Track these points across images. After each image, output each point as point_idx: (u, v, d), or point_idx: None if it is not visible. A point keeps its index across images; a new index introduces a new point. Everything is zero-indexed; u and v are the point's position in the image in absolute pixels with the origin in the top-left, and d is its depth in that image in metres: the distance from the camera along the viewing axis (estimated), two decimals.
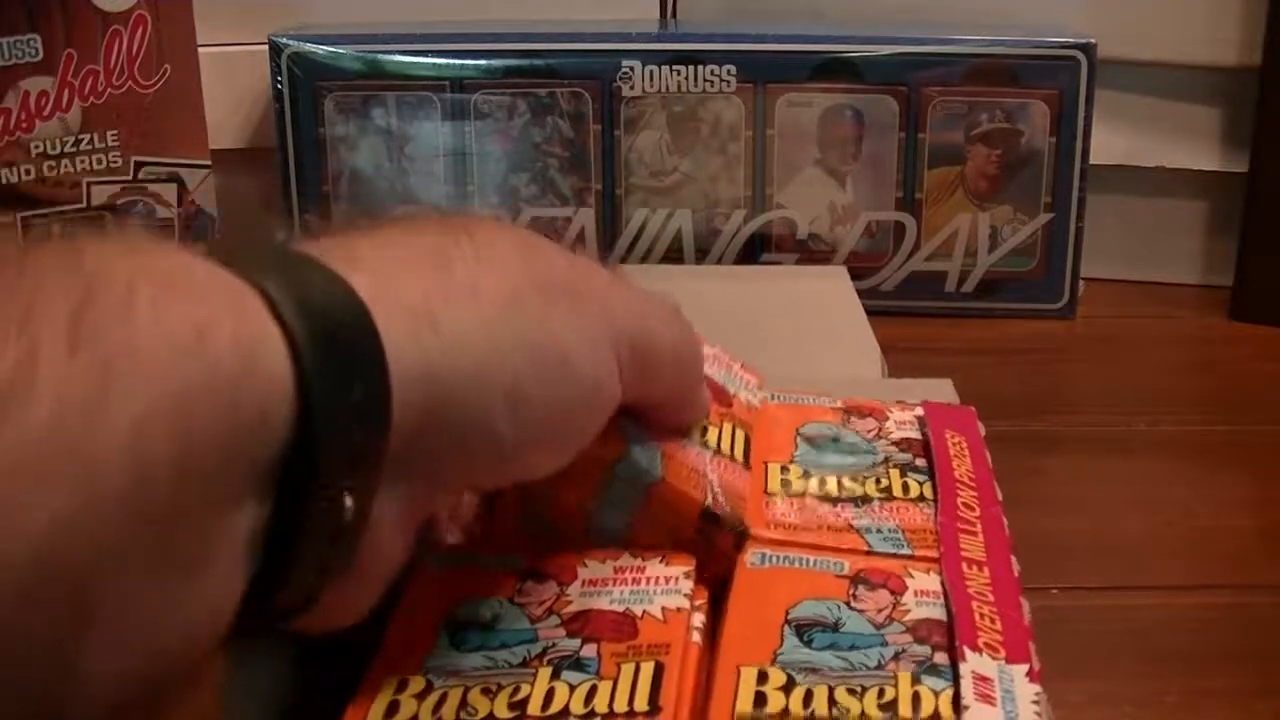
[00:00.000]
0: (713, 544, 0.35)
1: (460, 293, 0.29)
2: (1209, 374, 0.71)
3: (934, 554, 0.35)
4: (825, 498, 0.37)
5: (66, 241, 0.24)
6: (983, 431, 0.42)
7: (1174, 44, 0.77)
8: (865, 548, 0.35)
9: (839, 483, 0.38)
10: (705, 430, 0.38)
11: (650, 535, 0.35)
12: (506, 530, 0.36)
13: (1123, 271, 0.81)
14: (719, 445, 0.38)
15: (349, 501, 0.26)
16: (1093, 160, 0.74)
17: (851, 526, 0.36)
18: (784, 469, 0.38)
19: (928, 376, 0.48)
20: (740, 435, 0.39)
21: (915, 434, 0.41)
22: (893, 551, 0.35)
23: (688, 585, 0.34)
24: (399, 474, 0.28)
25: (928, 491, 0.38)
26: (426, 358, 0.27)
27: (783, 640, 0.31)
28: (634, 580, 0.34)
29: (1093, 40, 0.72)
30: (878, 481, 0.38)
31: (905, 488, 0.38)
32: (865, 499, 0.37)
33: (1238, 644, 0.44)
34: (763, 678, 0.29)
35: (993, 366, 0.69)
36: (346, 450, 0.26)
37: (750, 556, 0.34)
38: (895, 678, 0.29)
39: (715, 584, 0.35)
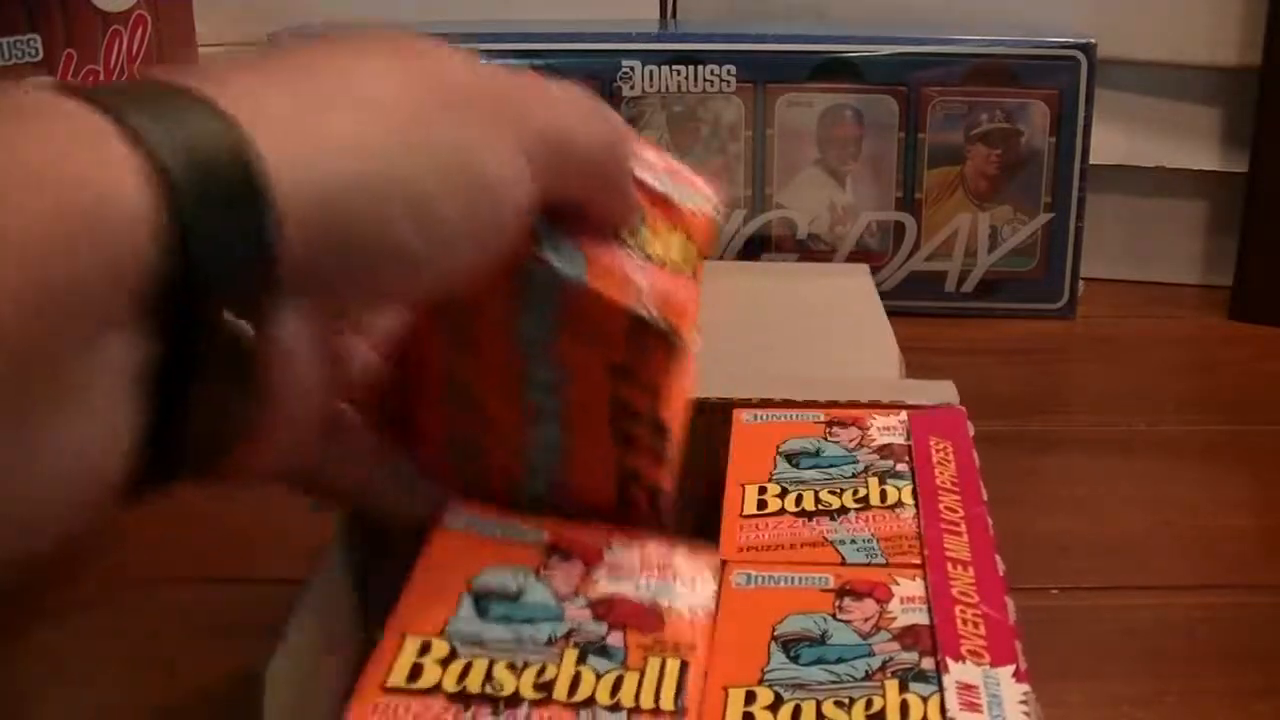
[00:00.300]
0: (645, 352, 0.34)
1: (343, 107, 0.28)
2: (1209, 374, 0.70)
3: (911, 561, 0.35)
4: (801, 514, 0.37)
5: None
6: (972, 431, 0.42)
7: (1174, 44, 0.77)
8: (839, 560, 0.35)
9: (816, 497, 0.38)
10: (643, 239, 0.36)
11: (577, 343, 0.34)
12: (429, 391, 0.36)
13: (1123, 271, 0.82)
14: (657, 253, 0.36)
15: (246, 327, 0.26)
16: (1093, 160, 0.74)
17: (826, 540, 0.36)
18: (761, 489, 0.39)
19: (928, 377, 0.48)
20: (687, 245, 0.37)
21: (898, 439, 0.41)
22: (866, 562, 0.35)
23: (713, 585, 0.34)
24: (300, 293, 0.27)
25: (907, 497, 0.38)
26: (310, 172, 0.26)
27: (770, 658, 0.31)
28: (660, 572, 0.34)
29: (1093, 40, 0.72)
30: (855, 492, 0.38)
31: (884, 495, 0.38)
32: (842, 510, 0.38)
33: (1238, 644, 0.44)
34: (750, 698, 0.29)
35: (992, 366, 0.69)
36: (233, 275, 0.25)
37: (735, 577, 0.35)
38: (883, 687, 0.30)
39: (651, 391, 0.34)
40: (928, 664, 0.30)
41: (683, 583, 0.34)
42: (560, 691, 0.29)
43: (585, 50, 0.74)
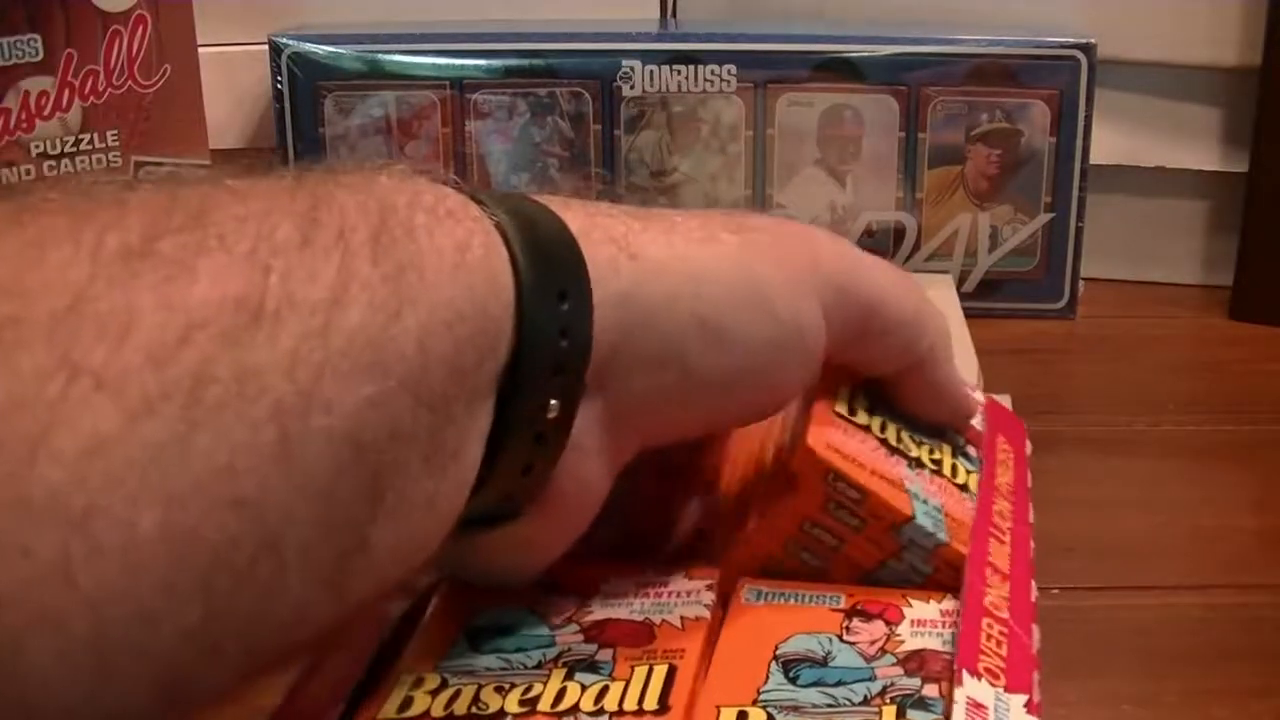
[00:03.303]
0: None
1: (658, 229, 0.32)
2: (1209, 374, 0.70)
3: (962, 550, 0.34)
4: (884, 443, 0.36)
5: (356, 176, 0.28)
6: (1029, 450, 0.42)
7: (1174, 44, 0.77)
8: (909, 514, 0.34)
9: (898, 434, 0.36)
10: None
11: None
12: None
13: (1123, 271, 0.81)
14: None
15: (553, 403, 0.29)
16: (1093, 160, 0.74)
17: (904, 486, 0.34)
18: (851, 401, 0.37)
19: None
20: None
21: (974, 422, 0.40)
22: (930, 530, 0.34)
23: (709, 597, 0.33)
24: (596, 391, 0.30)
25: (973, 483, 0.37)
26: (622, 283, 0.30)
27: (768, 678, 0.30)
28: (656, 594, 0.34)
29: (1093, 40, 0.72)
30: (931, 452, 0.37)
31: (954, 470, 0.37)
32: (918, 463, 0.36)
33: (1238, 644, 0.44)
34: (742, 718, 0.29)
35: (993, 366, 0.69)
36: (554, 360, 0.29)
37: (745, 593, 0.34)
38: (880, 713, 0.29)
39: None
40: (929, 690, 0.29)
41: (677, 598, 0.33)
42: (544, 704, 0.29)
43: (585, 50, 0.74)
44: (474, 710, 0.29)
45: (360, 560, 0.26)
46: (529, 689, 0.29)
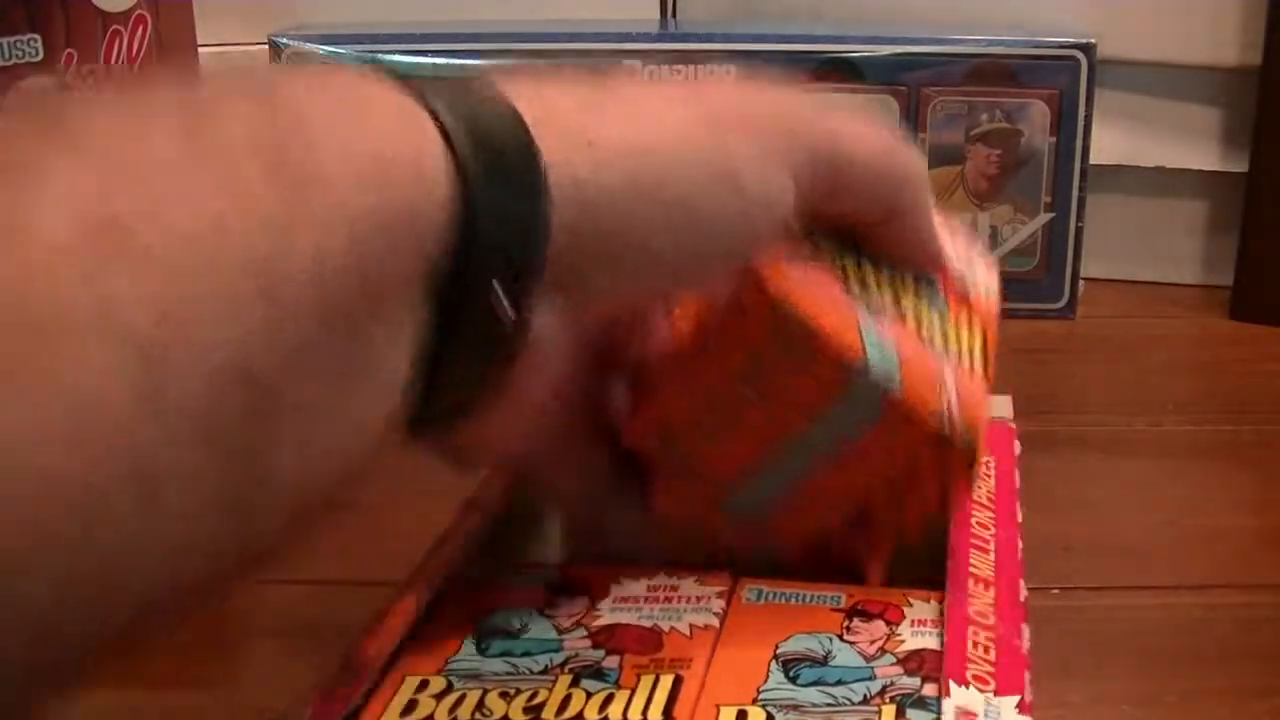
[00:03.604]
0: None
1: (619, 113, 0.30)
2: (1209, 374, 0.70)
3: (929, 404, 0.32)
4: (846, 282, 0.34)
5: (255, 78, 0.26)
6: (1018, 450, 0.42)
7: (1174, 44, 0.77)
8: (860, 355, 0.32)
9: (861, 273, 0.34)
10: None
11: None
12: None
13: (1123, 271, 0.81)
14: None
15: (507, 305, 0.27)
16: (1093, 160, 0.74)
17: (858, 327, 0.33)
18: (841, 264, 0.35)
19: None
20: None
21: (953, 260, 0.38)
22: (883, 375, 0.32)
23: (719, 604, 0.33)
24: (555, 285, 0.28)
25: (939, 331, 0.35)
26: (578, 174, 0.28)
27: (768, 677, 0.30)
28: (666, 598, 0.34)
29: (1093, 40, 0.72)
30: (896, 296, 0.35)
31: (919, 315, 0.35)
32: (879, 307, 0.34)
33: (1238, 644, 0.44)
34: (742, 717, 0.29)
35: None
36: (506, 261, 0.27)
37: (746, 593, 0.34)
38: (879, 712, 0.29)
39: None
40: (929, 690, 0.30)
41: (687, 604, 0.33)
42: (549, 712, 0.29)
43: (585, 50, 0.74)
44: (478, 716, 0.29)
45: (266, 488, 0.24)
46: (534, 695, 0.30)
